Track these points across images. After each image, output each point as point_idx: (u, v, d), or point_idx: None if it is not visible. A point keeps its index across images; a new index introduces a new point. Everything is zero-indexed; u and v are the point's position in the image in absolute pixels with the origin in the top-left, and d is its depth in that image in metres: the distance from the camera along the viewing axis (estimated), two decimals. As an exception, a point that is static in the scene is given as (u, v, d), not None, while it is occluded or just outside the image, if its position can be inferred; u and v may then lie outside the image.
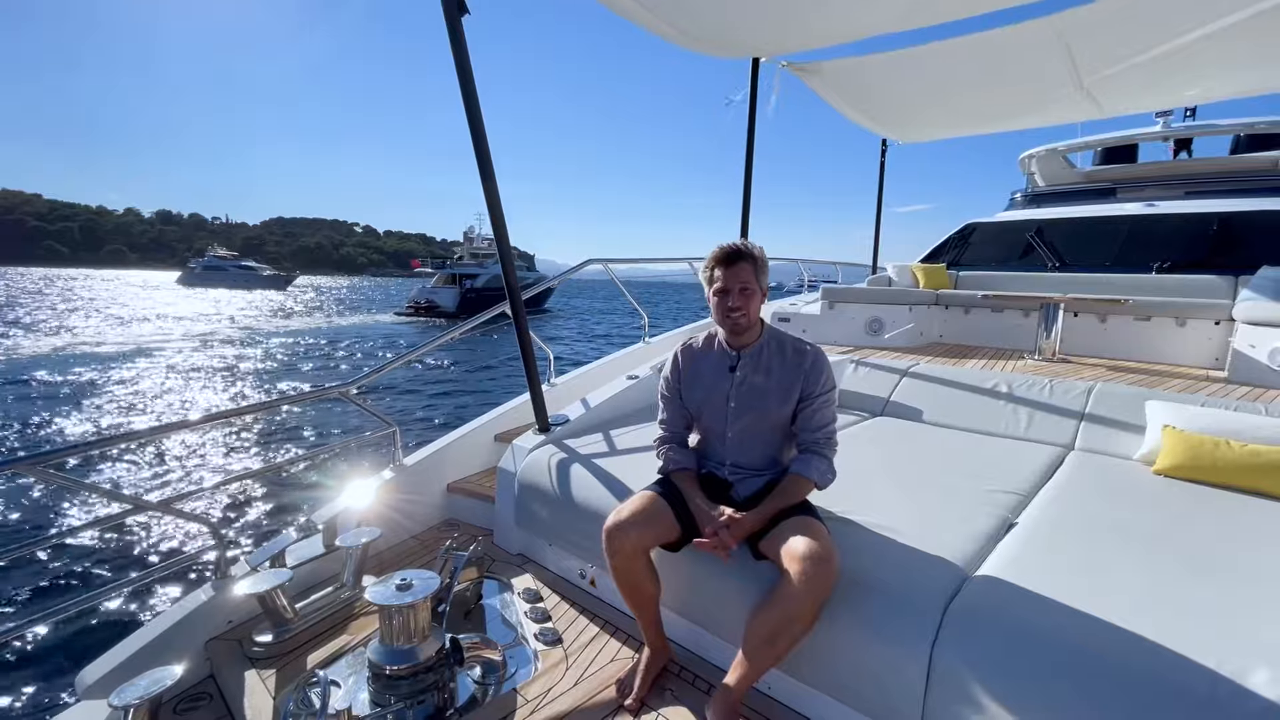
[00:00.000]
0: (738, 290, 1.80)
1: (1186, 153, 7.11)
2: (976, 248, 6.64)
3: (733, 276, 1.79)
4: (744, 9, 3.21)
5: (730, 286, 1.80)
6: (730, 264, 1.79)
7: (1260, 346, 3.65)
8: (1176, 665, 1.24)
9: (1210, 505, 2.14)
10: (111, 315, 34.85)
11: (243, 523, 6.35)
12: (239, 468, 8.36)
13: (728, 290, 1.80)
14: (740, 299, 1.80)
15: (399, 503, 2.86)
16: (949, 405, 3.32)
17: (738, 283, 1.80)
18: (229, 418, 2.68)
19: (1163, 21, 3.19)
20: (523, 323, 2.77)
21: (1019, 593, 1.52)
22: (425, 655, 1.65)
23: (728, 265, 1.79)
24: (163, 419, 11.29)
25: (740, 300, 1.80)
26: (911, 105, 5.08)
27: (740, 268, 1.79)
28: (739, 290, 1.80)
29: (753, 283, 1.81)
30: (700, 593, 1.90)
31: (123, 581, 2.05)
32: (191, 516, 2.27)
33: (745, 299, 1.81)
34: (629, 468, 2.38)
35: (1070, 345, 4.75)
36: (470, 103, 2.43)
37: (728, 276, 1.80)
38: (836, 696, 1.62)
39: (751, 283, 1.80)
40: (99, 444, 2.15)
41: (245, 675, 1.90)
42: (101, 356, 18.79)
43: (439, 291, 38.67)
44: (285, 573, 2.11)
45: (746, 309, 1.82)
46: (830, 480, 1.82)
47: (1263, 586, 1.56)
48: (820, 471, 1.79)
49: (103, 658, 1.90)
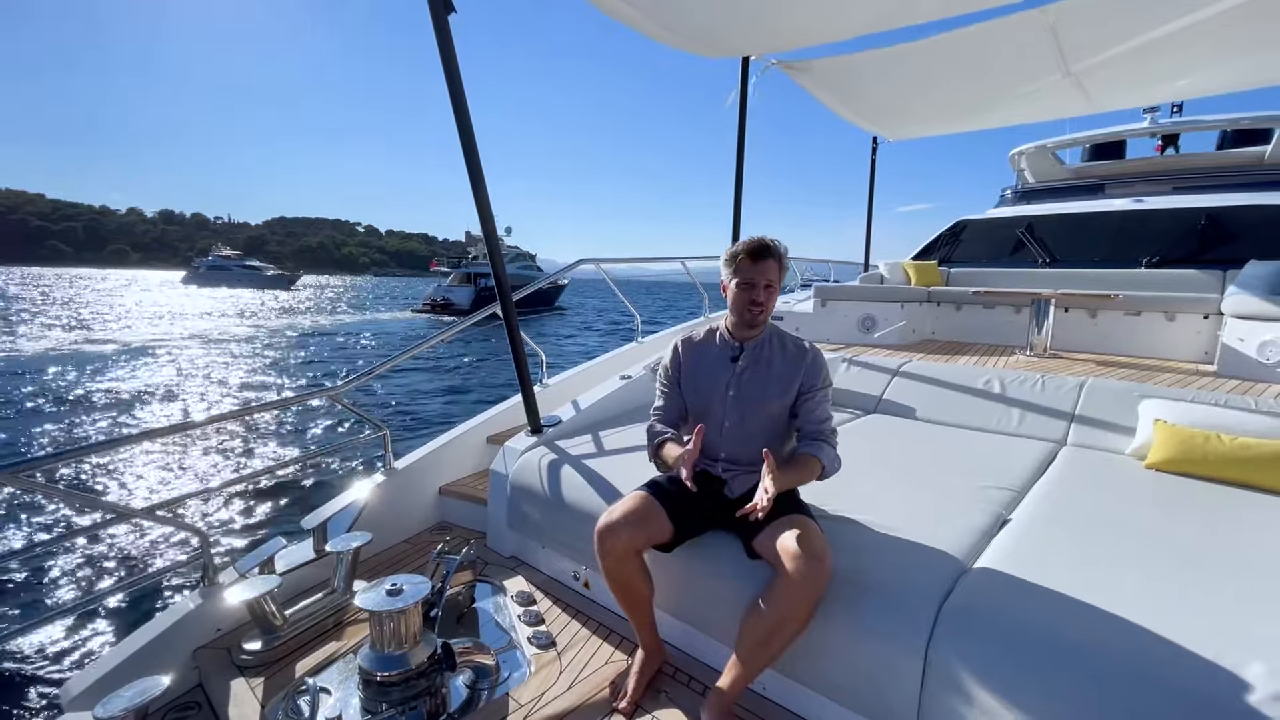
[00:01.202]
0: (763, 286, 1.82)
1: (1174, 149, 7.17)
2: (968, 244, 6.67)
3: (760, 272, 1.81)
4: (733, 8, 3.21)
5: (757, 281, 1.81)
6: (759, 259, 1.80)
7: (1248, 340, 3.68)
8: (1171, 660, 1.24)
9: (1201, 499, 2.15)
10: (125, 314, 35.31)
11: (230, 529, 6.28)
12: (227, 473, 8.26)
13: (754, 284, 1.82)
14: (765, 295, 1.82)
15: (390, 506, 2.83)
16: (942, 402, 3.33)
17: (764, 278, 1.81)
18: (215, 423, 2.65)
19: (1150, 11, 3.21)
20: (514, 323, 2.75)
21: (1013, 589, 1.52)
22: (417, 661, 1.64)
23: (756, 260, 1.80)
24: (192, 417, 11.20)
25: (765, 296, 1.83)
26: (900, 102, 5.09)
27: (768, 264, 1.81)
28: (764, 286, 1.82)
29: (776, 281, 1.83)
30: (694, 593, 1.89)
31: (108, 590, 2.02)
32: (178, 523, 2.24)
33: (769, 295, 1.83)
34: (621, 468, 2.36)
35: (1061, 341, 4.78)
36: (458, 101, 2.41)
37: (756, 272, 1.81)
38: (831, 696, 1.61)
39: (775, 280, 1.83)
40: (81, 451, 2.11)
41: (234, 684, 1.87)
42: (120, 355, 18.95)
43: (454, 290, 39.97)
44: (274, 579, 2.08)
45: (767, 305, 1.84)
46: (837, 468, 1.83)
47: (1255, 579, 1.56)
48: (829, 459, 1.80)
49: (88, 668, 1.87)
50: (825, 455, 1.79)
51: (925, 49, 3.88)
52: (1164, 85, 4.31)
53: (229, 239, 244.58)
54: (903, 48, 3.91)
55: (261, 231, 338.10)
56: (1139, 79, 4.13)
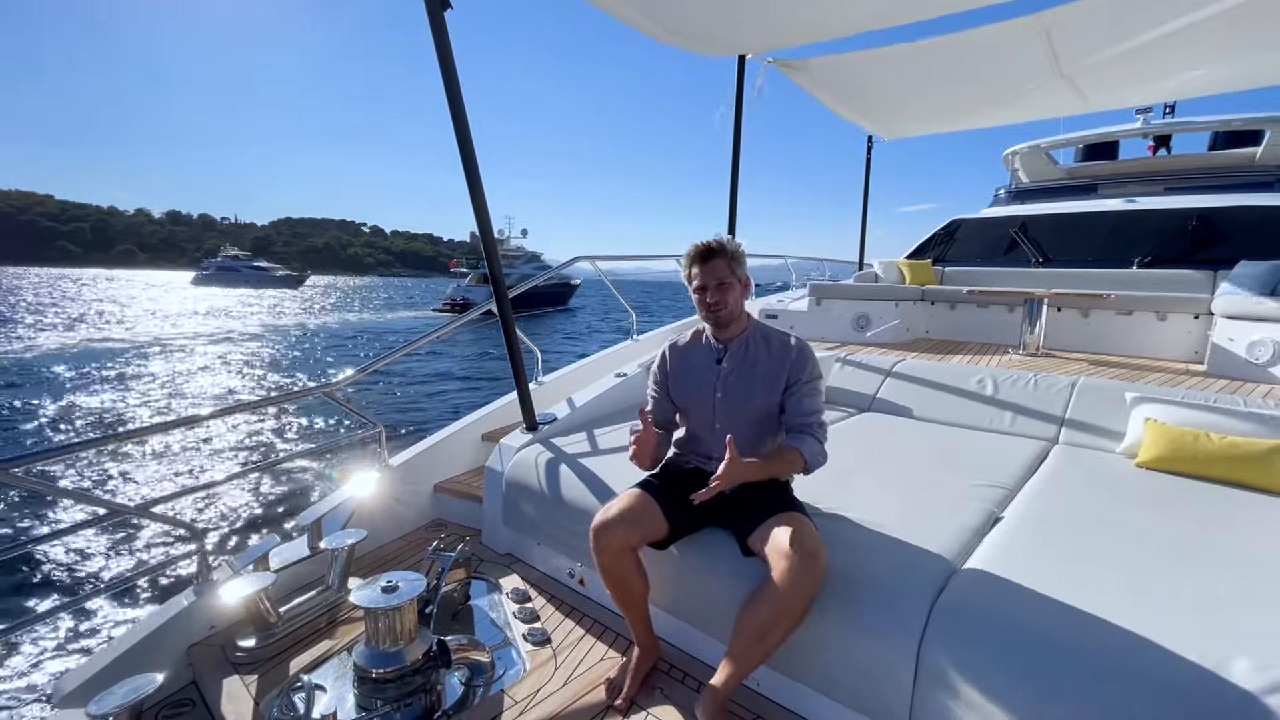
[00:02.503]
0: (714, 285, 1.85)
1: (1166, 149, 7.22)
2: (962, 244, 6.70)
3: (709, 273, 1.84)
4: (729, 7, 3.20)
5: (707, 283, 1.85)
6: (705, 261, 1.85)
7: (1238, 340, 3.71)
8: (1160, 657, 1.25)
9: (1191, 497, 2.17)
10: (143, 313, 37.40)
11: (225, 526, 6.26)
12: (222, 469, 8.24)
13: (705, 286, 1.86)
14: (718, 293, 1.85)
15: (385, 503, 2.83)
16: (935, 400, 3.35)
17: (713, 278, 1.85)
18: (210, 419, 2.63)
19: (1143, 13, 3.23)
20: (509, 322, 2.75)
21: (1005, 587, 1.53)
22: (412, 658, 1.63)
23: (703, 262, 1.85)
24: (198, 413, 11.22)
25: (718, 294, 1.85)
26: (895, 101, 5.10)
27: (715, 264, 1.84)
28: (715, 285, 1.85)
29: (729, 276, 1.85)
30: (689, 590, 1.90)
31: (102, 588, 2.01)
32: (172, 520, 2.23)
33: (723, 293, 1.85)
34: (617, 466, 2.37)
35: (1054, 340, 4.80)
36: (454, 98, 2.40)
37: (704, 273, 1.85)
38: (825, 692, 1.63)
39: (727, 276, 1.85)
40: (75, 448, 2.10)
41: (228, 681, 1.87)
42: (140, 352, 19.72)
43: (473, 290, 41.69)
44: (269, 576, 2.07)
45: (725, 301, 1.86)
46: (821, 462, 1.82)
47: (1243, 576, 1.58)
48: (812, 452, 1.79)
49: (80, 665, 1.86)
50: (807, 448, 1.78)
51: (921, 49, 3.90)
52: (1157, 85, 4.34)
53: (236, 239, 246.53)
54: (899, 48, 3.93)
55: (268, 232, 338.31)
56: (1132, 79, 4.16)
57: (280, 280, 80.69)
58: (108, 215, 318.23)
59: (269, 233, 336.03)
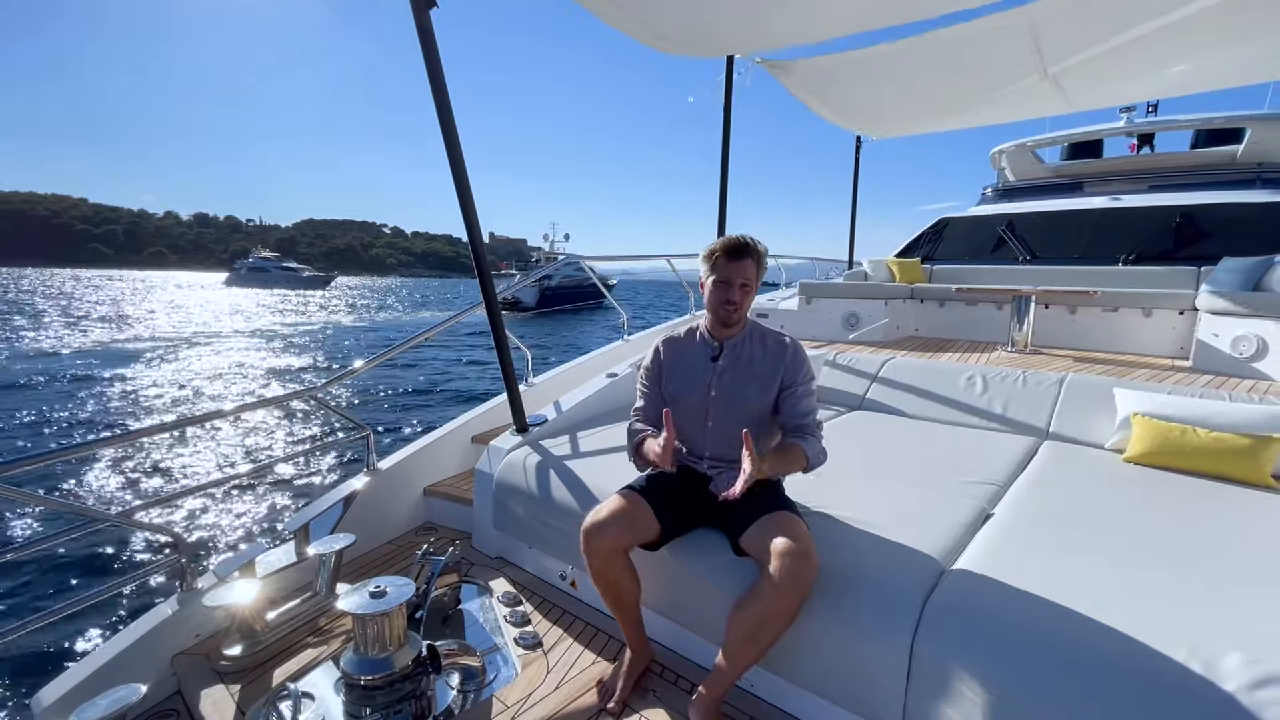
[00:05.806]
0: (739, 285, 1.79)
1: (1149, 148, 7.30)
2: (950, 242, 6.75)
3: (737, 271, 1.79)
4: (716, 7, 3.19)
5: (733, 280, 1.79)
6: (736, 258, 1.78)
7: (1222, 336, 3.75)
8: (1150, 652, 1.26)
9: (1178, 491, 2.20)
10: (192, 312, 38.95)
11: (210, 532, 6.16)
12: (206, 474, 8.13)
13: (729, 283, 1.80)
14: (740, 294, 1.80)
15: (374, 507, 2.80)
16: (925, 398, 3.36)
17: (740, 278, 1.79)
18: (193, 424, 2.58)
19: (1125, 12, 3.26)
20: (499, 323, 2.73)
21: (996, 584, 1.53)
22: (401, 664, 1.61)
23: (733, 259, 1.78)
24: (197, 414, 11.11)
25: (740, 295, 1.80)
26: (880, 103, 5.12)
27: (745, 264, 1.79)
28: (740, 285, 1.80)
29: (753, 280, 1.81)
30: (680, 591, 1.89)
31: (83, 597, 1.96)
32: (155, 527, 2.19)
33: (744, 295, 1.81)
34: (608, 467, 2.35)
35: (1042, 337, 4.84)
36: (440, 99, 2.38)
37: (732, 270, 1.79)
38: (818, 692, 1.62)
39: (752, 280, 1.81)
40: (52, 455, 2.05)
41: (213, 691, 1.84)
42: (199, 348, 20.99)
43: (523, 290, 42.41)
44: (255, 583, 2.04)
45: (742, 305, 1.83)
46: (822, 460, 1.82)
47: (1231, 569, 1.60)
48: (814, 450, 1.78)
49: (62, 677, 1.82)
50: (810, 446, 1.77)
51: (905, 50, 3.91)
52: (1140, 83, 4.38)
53: (261, 241, 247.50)
54: (883, 48, 3.93)
55: (292, 233, 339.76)
56: (1115, 78, 4.20)
57: (308, 281, 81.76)
58: (139, 218, 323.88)
59: (293, 234, 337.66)
